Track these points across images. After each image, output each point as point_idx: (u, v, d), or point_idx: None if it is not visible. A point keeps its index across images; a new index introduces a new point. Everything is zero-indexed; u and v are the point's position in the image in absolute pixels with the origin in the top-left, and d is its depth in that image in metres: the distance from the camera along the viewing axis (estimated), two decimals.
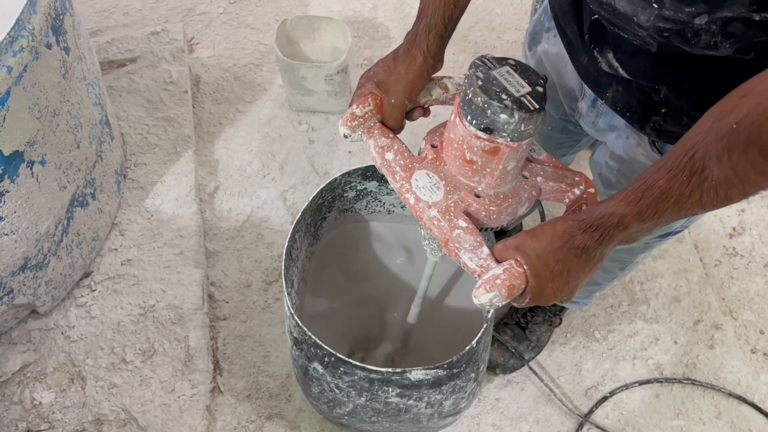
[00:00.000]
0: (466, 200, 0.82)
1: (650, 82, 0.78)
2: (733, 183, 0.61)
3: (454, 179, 0.84)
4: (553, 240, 0.70)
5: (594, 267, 0.72)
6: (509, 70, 0.77)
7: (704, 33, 0.66)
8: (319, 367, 1.07)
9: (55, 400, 1.43)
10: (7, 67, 1.06)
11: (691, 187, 0.62)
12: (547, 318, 1.56)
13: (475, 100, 0.75)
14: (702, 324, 1.67)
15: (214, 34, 2.11)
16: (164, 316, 1.53)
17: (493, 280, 0.72)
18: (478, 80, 0.75)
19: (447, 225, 0.80)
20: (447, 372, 1.02)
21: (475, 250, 0.78)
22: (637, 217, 0.66)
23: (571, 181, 0.88)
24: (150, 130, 1.78)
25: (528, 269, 0.71)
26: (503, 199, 0.83)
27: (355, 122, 0.87)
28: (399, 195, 0.85)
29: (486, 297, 0.71)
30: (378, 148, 0.87)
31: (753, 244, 1.80)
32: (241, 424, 1.48)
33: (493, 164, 0.79)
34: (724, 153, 0.59)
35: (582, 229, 0.69)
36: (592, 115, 0.94)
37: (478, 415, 1.52)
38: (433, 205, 0.81)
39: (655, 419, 1.54)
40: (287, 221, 1.75)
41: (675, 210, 0.64)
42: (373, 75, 0.87)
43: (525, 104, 0.74)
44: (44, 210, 1.30)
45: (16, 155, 1.16)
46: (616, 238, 0.69)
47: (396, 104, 0.86)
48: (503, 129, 0.75)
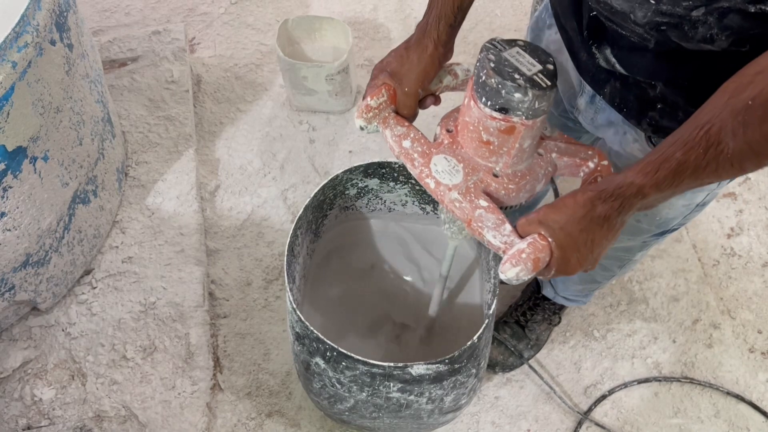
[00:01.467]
0: (485, 180, 0.84)
1: (647, 77, 0.79)
2: (748, 156, 0.63)
3: (471, 161, 0.85)
4: (575, 211, 0.72)
5: (616, 234, 0.74)
6: (519, 50, 0.79)
7: (701, 25, 0.67)
8: (321, 361, 1.07)
9: (55, 396, 1.43)
10: (12, 63, 1.07)
11: (707, 159, 0.64)
12: (546, 316, 1.57)
13: (489, 82, 0.77)
14: (700, 323, 1.68)
15: (215, 34, 2.12)
16: (165, 313, 1.53)
17: (519, 254, 0.74)
18: (491, 62, 0.77)
19: (468, 206, 0.82)
20: (448, 367, 1.03)
21: (498, 227, 0.80)
22: (655, 188, 0.68)
23: (584, 156, 0.90)
24: (151, 128, 1.79)
25: (553, 241, 0.73)
26: (521, 176, 0.85)
27: (370, 114, 0.89)
28: (419, 181, 0.86)
29: (513, 271, 0.73)
30: (395, 137, 0.89)
31: (751, 244, 1.81)
32: (241, 421, 1.48)
33: (510, 143, 0.81)
34: (739, 128, 0.61)
35: (602, 199, 0.71)
36: (590, 111, 0.95)
37: (478, 413, 1.53)
38: (453, 188, 0.83)
39: (654, 418, 1.55)
40: (288, 220, 1.76)
41: (692, 179, 0.67)
42: (386, 65, 0.89)
43: (538, 82, 0.76)
44: (46, 206, 1.31)
45: (19, 151, 1.16)
46: (635, 206, 0.71)
47: (410, 93, 0.88)
48: (518, 108, 0.77)
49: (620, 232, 0.75)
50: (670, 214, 1.01)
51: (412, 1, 2.20)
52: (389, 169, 1.21)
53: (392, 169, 1.21)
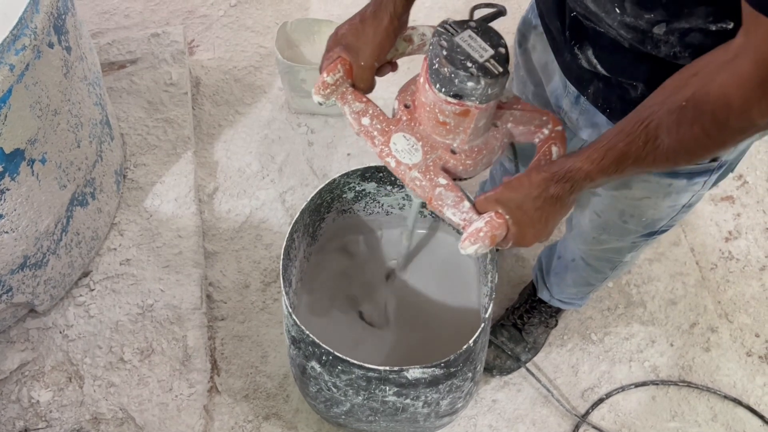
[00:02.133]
0: (444, 157, 0.86)
1: (627, 78, 0.81)
2: (679, 152, 0.69)
3: (430, 139, 0.87)
4: (530, 191, 0.77)
5: (567, 209, 0.81)
6: (471, 34, 0.80)
7: (663, 44, 0.71)
8: (317, 365, 1.08)
9: (52, 398, 1.43)
10: (10, 65, 1.07)
11: (646, 151, 0.69)
12: (543, 319, 1.57)
13: (442, 71, 0.78)
14: (698, 327, 1.68)
15: (214, 36, 2.12)
16: (162, 315, 1.54)
17: (477, 233, 0.79)
18: (443, 50, 0.78)
19: (428, 184, 0.85)
20: (444, 371, 1.03)
21: (457, 204, 0.83)
22: (601, 173, 0.74)
23: (539, 122, 0.91)
24: (150, 131, 1.79)
25: (509, 218, 0.79)
26: (478, 151, 0.87)
27: (327, 90, 0.89)
28: (380, 159, 0.88)
29: (472, 248, 0.79)
30: (353, 113, 0.90)
31: (749, 247, 1.81)
32: (239, 423, 1.48)
33: (465, 124, 0.83)
34: (673, 126, 0.66)
35: (555, 180, 0.76)
36: (575, 112, 0.95)
37: (475, 416, 1.53)
38: (413, 167, 0.86)
39: (651, 421, 1.55)
40: (286, 222, 1.76)
41: (634, 167, 0.72)
42: (341, 38, 0.89)
43: (490, 69, 0.77)
44: (44, 208, 1.31)
45: (17, 153, 1.16)
46: (585, 187, 0.77)
47: (366, 66, 0.89)
48: (471, 94, 0.78)
49: (572, 207, 0.81)
50: (656, 215, 1.02)
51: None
52: (386, 173, 1.21)
53: (389, 173, 1.21)
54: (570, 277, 1.37)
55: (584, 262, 1.28)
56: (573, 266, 1.33)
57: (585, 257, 1.27)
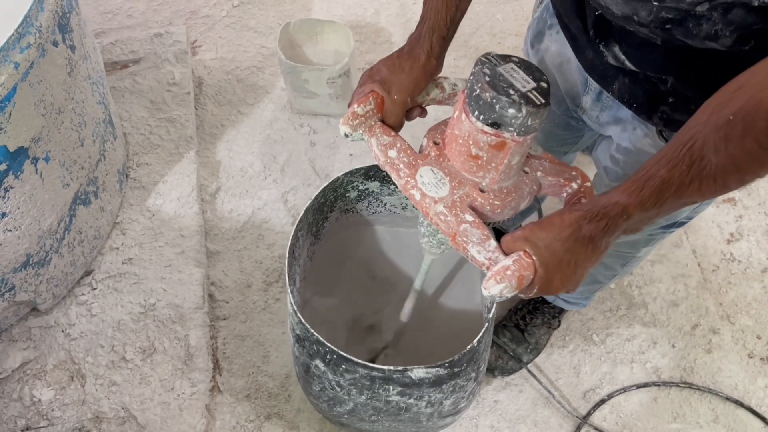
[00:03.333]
0: (471, 195, 0.83)
1: (657, 73, 0.79)
2: (730, 171, 0.63)
3: (458, 175, 0.85)
4: (561, 230, 0.72)
5: (599, 256, 0.74)
6: (514, 66, 0.79)
7: (705, 21, 0.67)
8: (321, 364, 1.07)
9: (54, 397, 1.43)
10: (15, 64, 1.07)
11: (691, 176, 0.64)
12: (546, 320, 1.57)
13: (484, 96, 0.76)
14: (700, 328, 1.68)
15: (217, 37, 2.13)
16: (165, 314, 1.53)
17: (504, 271, 0.73)
18: (485, 76, 0.77)
19: (454, 219, 0.81)
20: (448, 371, 1.03)
21: (483, 243, 0.79)
22: (639, 207, 0.68)
23: (568, 176, 0.90)
24: (152, 130, 1.79)
25: (537, 259, 0.73)
26: (507, 193, 0.85)
27: (356, 121, 0.87)
28: (404, 192, 0.85)
29: (497, 288, 0.72)
30: (381, 146, 0.88)
31: (750, 249, 1.81)
32: (240, 423, 1.48)
33: (498, 159, 0.81)
34: (721, 143, 0.61)
35: (588, 219, 0.71)
36: (596, 109, 0.95)
37: (477, 416, 1.53)
38: (439, 201, 0.83)
39: (653, 422, 1.55)
40: (288, 222, 1.76)
41: (675, 198, 0.67)
42: (375, 73, 0.88)
43: (532, 99, 0.76)
44: (47, 207, 1.31)
45: (21, 151, 1.17)
46: (621, 227, 0.71)
47: (398, 101, 0.87)
48: (510, 123, 0.77)
49: (604, 255, 0.75)
50: None
51: (414, 6, 2.21)
52: None
53: None
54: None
55: None
56: None
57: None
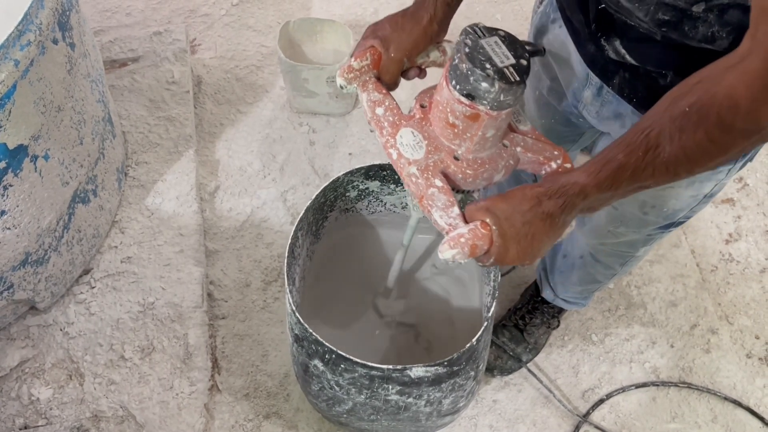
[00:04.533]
0: (445, 161, 0.85)
1: (657, 67, 0.80)
2: (681, 161, 0.67)
3: (436, 140, 0.87)
4: (521, 203, 0.75)
5: (556, 232, 0.77)
6: (497, 40, 0.80)
7: (702, 24, 0.69)
8: (320, 364, 1.07)
9: (52, 396, 1.43)
10: (15, 61, 1.07)
11: (646, 162, 0.68)
12: (545, 320, 1.57)
13: (461, 66, 0.78)
14: (698, 328, 1.68)
15: (216, 35, 2.13)
16: (163, 313, 1.53)
17: (458, 238, 0.76)
18: (466, 47, 0.78)
19: (424, 183, 0.84)
20: (447, 369, 1.03)
21: (447, 209, 0.82)
22: (596, 187, 0.72)
23: (549, 155, 0.90)
24: (151, 129, 1.79)
25: (495, 229, 0.76)
26: (480, 164, 0.86)
27: (351, 74, 0.89)
28: (383, 149, 0.88)
29: (449, 253, 0.75)
30: (370, 102, 0.90)
31: (749, 250, 1.81)
32: (239, 422, 1.48)
33: (473, 130, 0.82)
34: (676, 133, 0.65)
35: (548, 195, 0.74)
36: (596, 104, 0.95)
37: (476, 416, 1.53)
38: (413, 162, 0.85)
39: (651, 422, 1.55)
40: (287, 222, 1.76)
41: (631, 182, 0.70)
42: (378, 28, 0.89)
43: (506, 75, 0.77)
44: (46, 205, 1.31)
45: (20, 149, 1.16)
46: (578, 206, 0.74)
47: (394, 59, 0.89)
48: (483, 97, 0.78)
49: (561, 232, 0.78)
50: (677, 205, 1.01)
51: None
52: (390, 172, 1.22)
53: (393, 172, 1.21)
54: (576, 275, 1.37)
55: (593, 259, 1.28)
56: (580, 263, 1.33)
57: (595, 253, 1.27)
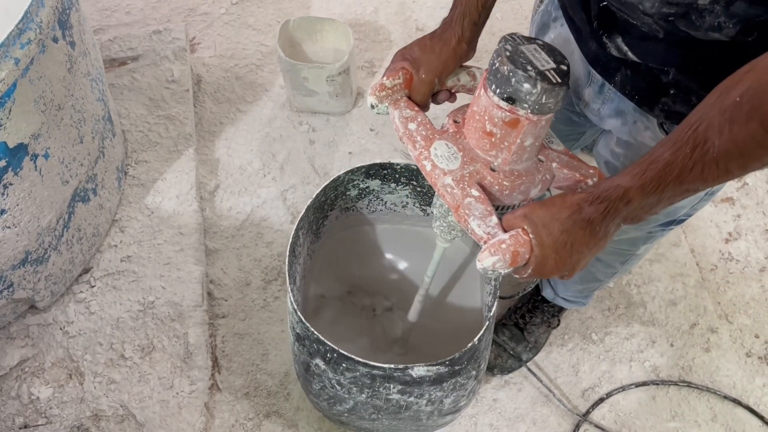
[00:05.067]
0: (482, 172, 0.84)
1: (659, 64, 0.79)
2: (733, 156, 0.62)
3: (472, 152, 0.86)
4: (561, 210, 0.72)
5: (597, 243, 0.73)
6: (537, 47, 0.80)
7: (708, 14, 0.67)
8: (321, 363, 1.07)
9: (52, 395, 1.43)
10: (15, 59, 1.06)
11: (694, 160, 0.63)
12: (545, 319, 1.57)
13: (502, 69, 0.78)
14: (698, 327, 1.68)
15: (215, 34, 2.12)
16: (164, 312, 1.53)
17: (499, 244, 0.74)
18: (506, 51, 0.78)
19: (460, 192, 0.82)
20: (449, 369, 1.03)
21: (485, 218, 0.80)
22: (640, 190, 0.68)
23: (585, 173, 0.90)
24: (151, 127, 1.79)
25: (533, 237, 0.73)
26: (517, 176, 0.85)
27: (383, 93, 0.89)
28: (417, 162, 0.87)
29: (490, 261, 0.73)
30: (402, 118, 0.90)
31: (748, 249, 1.81)
32: (239, 421, 1.48)
33: (512, 137, 0.82)
34: (725, 125, 0.60)
35: (589, 201, 0.71)
36: (597, 101, 0.95)
37: (476, 415, 1.53)
38: (448, 173, 0.84)
39: (651, 421, 1.55)
40: (287, 221, 1.76)
41: (677, 183, 0.66)
42: (407, 51, 0.90)
43: (548, 77, 0.77)
44: (46, 204, 1.31)
45: (20, 148, 1.16)
46: (621, 213, 0.71)
47: (426, 80, 0.89)
48: (525, 99, 0.77)
49: (603, 244, 0.74)
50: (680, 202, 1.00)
51: (413, 4, 2.21)
52: (391, 170, 1.21)
53: (394, 171, 1.21)
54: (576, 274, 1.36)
55: (594, 258, 1.28)
56: None
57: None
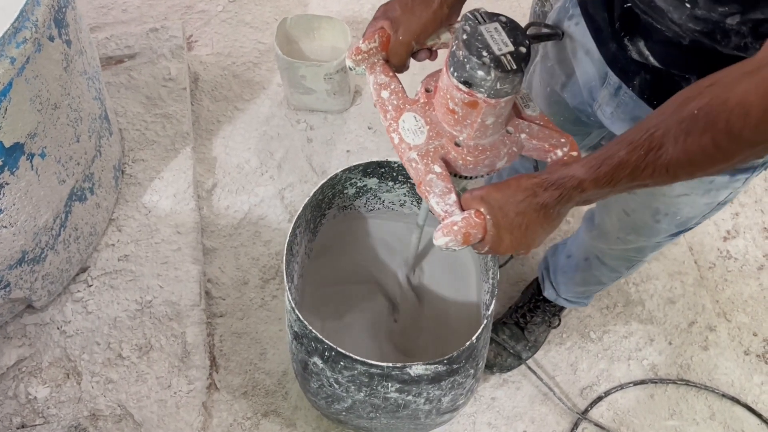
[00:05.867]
0: (446, 147, 0.85)
1: (681, 71, 0.78)
2: (683, 164, 0.65)
3: (438, 126, 0.86)
4: (516, 193, 0.74)
5: (551, 224, 0.76)
6: (497, 27, 0.78)
7: (734, 34, 0.68)
8: (319, 361, 1.07)
9: (50, 395, 1.42)
10: (11, 58, 1.06)
11: (647, 162, 0.66)
12: (546, 318, 1.57)
13: (458, 54, 0.77)
14: (696, 325, 1.68)
15: (213, 32, 2.12)
16: (161, 312, 1.53)
17: (451, 225, 0.76)
18: (464, 34, 0.77)
19: (423, 168, 0.83)
20: (447, 367, 1.03)
21: (444, 195, 0.81)
22: (594, 182, 0.70)
23: (555, 142, 0.89)
24: (148, 126, 1.78)
25: (489, 218, 0.76)
26: (481, 150, 0.85)
27: (359, 56, 0.89)
28: (386, 133, 0.87)
29: (442, 240, 0.76)
30: (376, 84, 0.89)
31: (747, 247, 1.81)
32: (237, 420, 1.48)
33: (473, 117, 0.82)
34: (681, 135, 0.63)
35: (544, 186, 0.73)
36: (612, 104, 0.94)
37: (474, 413, 1.53)
38: (414, 148, 0.84)
39: (650, 419, 1.55)
40: (285, 219, 1.75)
41: (629, 180, 0.69)
42: (388, 10, 0.88)
43: (503, 63, 0.76)
44: (43, 203, 1.30)
45: (16, 147, 1.15)
46: (574, 199, 0.73)
47: (403, 42, 0.88)
48: (480, 85, 0.77)
49: (556, 224, 0.77)
50: (691, 212, 1.00)
51: None
52: (388, 169, 1.21)
53: (391, 169, 1.21)
54: (580, 276, 1.36)
55: (599, 262, 1.27)
56: (585, 265, 1.32)
57: (601, 257, 1.26)
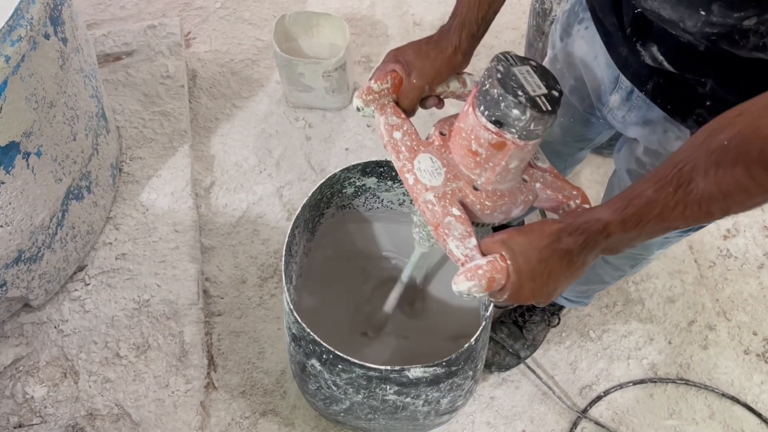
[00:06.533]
0: (464, 191, 0.83)
1: (697, 75, 0.77)
2: (716, 198, 0.61)
3: (455, 168, 0.84)
4: (540, 239, 0.71)
5: (575, 273, 0.72)
6: (529, 70, 0.78)
7: (753, 34, 0.66)
8: (317, 363, 1.07)
9: (47, 394, 1.42)
10: (5, 57, 1.05)
11: (676, 199, 0.63)
12: (545, 317, 1.56)
13: (492, 92, 0.76)
14: (696, 325, 1.68)
15: (211, 29, 2.10)
16: (159, 310, 1.52)
17: (476, 269, 0.72)
18: (498, 73, 0.76)
19: (440, 210, 0.81)
20: (445, 370, 1.02)
21: (464, 239, 0.78)
22: (620, 225, 0.67)
23: (568, 194, 0.89)
24: (146, 124, 1.77)
25: (511, 264, 0.72)
26: (500, 196, 0.84)
27: (370, 96, 0.87)
28: (400, 174, 0.85)
29: (465, 285, 0.72)
30: (387, 125, 0.87)
31: (747, 245, 1.81)
32: (235, 420, 1.47)
33: (497, 159, 0.80)
34: (711, 168, 0.60)
35: (568, 232, 0.70)
36: (624, 108, 0.93)
37: (473, 413, 1.52)
38: (430, 189, 0.82)
39: (649, 419, 1.55)
40: (283, 218, 1.75)
41: (658, 221, 0.65)
42: (400, 54, 0.88)
43: (539, 104, 0.74)
44: (39, 202, 1.29)
45: (12, 146, 1.15)
46: (600, 245, 0.70)
47: (416, 86, 0.87)
48: (513, 125, 0.75)
49: (580, 273, 0.73)
50: None
51: None
52: (387, 168, 1.20)
53: (390, 168, 1.20)
54: (583, 276, 1.35)
55: (603, 260, 1.26)
56: None
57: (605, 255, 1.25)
